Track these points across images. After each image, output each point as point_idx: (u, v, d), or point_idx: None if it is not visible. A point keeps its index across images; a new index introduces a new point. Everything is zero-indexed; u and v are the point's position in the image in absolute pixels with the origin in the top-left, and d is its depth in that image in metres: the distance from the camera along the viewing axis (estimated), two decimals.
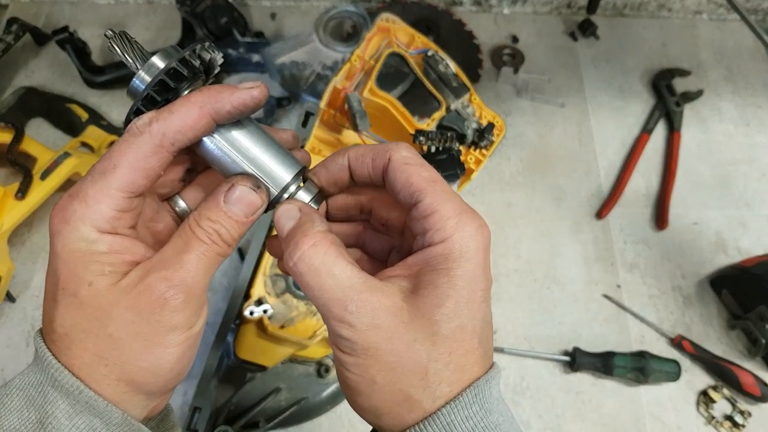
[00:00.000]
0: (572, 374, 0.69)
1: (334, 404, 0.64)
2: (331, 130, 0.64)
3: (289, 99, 0.86)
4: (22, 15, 0.93)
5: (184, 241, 0.28)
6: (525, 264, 0.76)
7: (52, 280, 0.27)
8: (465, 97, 0.67)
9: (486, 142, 0.66)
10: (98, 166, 0.27)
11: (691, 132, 0.88)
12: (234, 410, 0.59)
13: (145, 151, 0.27)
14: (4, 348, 0.69)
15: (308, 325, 0.58)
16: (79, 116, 0.83)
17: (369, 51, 0.66)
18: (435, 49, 0.67)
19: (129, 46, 0.28)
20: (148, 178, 0.27)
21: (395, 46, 0.66)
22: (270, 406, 0.60)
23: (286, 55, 0.81)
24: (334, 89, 0.61)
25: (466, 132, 0.65)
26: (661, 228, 0.79)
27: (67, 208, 0.27)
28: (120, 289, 0.27)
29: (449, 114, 0.66)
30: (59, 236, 0.27)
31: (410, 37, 0.68)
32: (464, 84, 0.67)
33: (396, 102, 0.63)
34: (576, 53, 0.96)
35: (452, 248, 0.27)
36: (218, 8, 0.86)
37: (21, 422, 0.26)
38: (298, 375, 0.62)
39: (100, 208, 0.27)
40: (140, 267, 0.27)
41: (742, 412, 0.67)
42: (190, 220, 0.28)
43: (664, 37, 0.98)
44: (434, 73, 0.66)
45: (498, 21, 0.99)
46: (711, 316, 0.74)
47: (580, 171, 0.84)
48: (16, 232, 0.72)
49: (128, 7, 0.99)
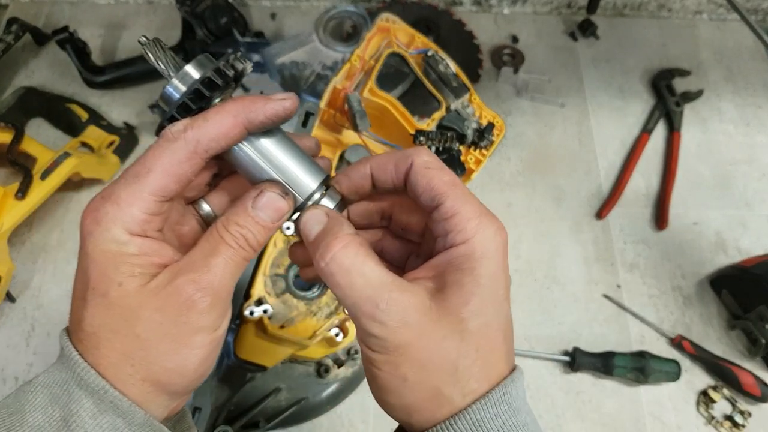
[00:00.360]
0: (572, 374, 0.69)
1: (334, 404, 0.64)
2: (331, 130, 0.64)
3: None
4: (22, 15, 0.93)
5: (212, 245, 0.28)
6: (525, 264, 0.76)
7: (82, 279, 0.28)
8: (465, 97, 0.67)
9: (486, 142, 0.66)
10: (132, 169, 0.28)
11: (691, 132, 0.88)
12: (234, 410, 0.59)
13: (179, 157, 0.27)
14: (4, 348, 0.69)
15: (308, 325, 0.58)
16: (79, 116, 0.83)
17: (369, 51, 0.66)
18: (435, 49, 0.67)
19: (162, 53, 0.29)
20: (180, 183, 0.28)
21: (395, 46, 0.66)
22: (270, 405, 0.60)
23: (286, 55, 0.81)
24: (334, 89, 0.61)
25: (466, 132, 0.65)
26: (661, 228, 0.79)
27: (99, 209, 0.27)
28: (149, 291, 0.27)
29: (449, 114, 0.66)
30: (90, 237, 0.27)
31: (410, 37, 0.68)
32: (464, 84, 0.67)
33: (396, 102, 0.63)
34: (576, 53, 0.96)
35: (474, 248, 0.27)
36: (218, 8, 0.86)
37: (45, 419, 0.27)
38: (298, 375, 0.62)
39: (132, 211, 0.27)
40: (168, 270, 0.28)
41: (742, 412, 0.67)
42: (218, 224, 0.29)
43: (664, 37, 0.98)
44: (434, 73, 0.66)
45: (498, 21, 0.99)
46: (711, 316, 0.74)
47: (580, 171, 0.84)
48: (16, 232, 0.72)
49: (128, 7, 0.99)
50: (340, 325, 0.58)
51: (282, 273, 0.58)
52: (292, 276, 0.59)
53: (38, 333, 0.70)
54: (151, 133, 0.85)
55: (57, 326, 0.71)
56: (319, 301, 0.59)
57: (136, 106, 0.88)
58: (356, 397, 0.67)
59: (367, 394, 0.67)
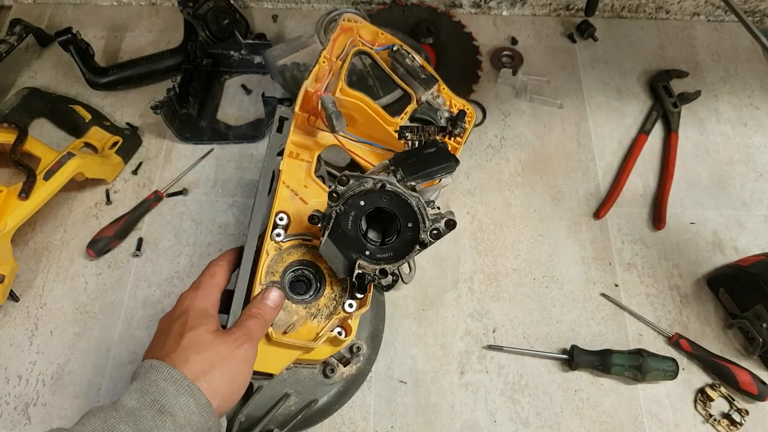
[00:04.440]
0: (570, 372, 0.70)
1: (342, 403, 0.64)
2: (306, 133, 0.64)
3: (291, 100, 0.87)
4: (26, 16, 0.94)
5: (246, 317, 0.51)
6: (524, 263, 0.77)
7: (181, 323, 0.48)
8: (434, 88, 0.67)
9: (459, 130, 0.65)
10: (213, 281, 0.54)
11: (688, 133, 0.89)
12: (245, 422, 0.58)
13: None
14: (7, 347, 0.70)
15: (310, 327, 0.58)
16: (83, 117, 0.83)
17: (335, 51, 0.65)
18: (399, 43, 0.68)
19: None
20: None
21: (360, 45, 0.67)
22: (281, 413, 0.60)
23: (288, 56, 0.81)
24: (306, 92, 0.61)
25: (439, 122, 0.65)
26: (659, 228, 0.80)
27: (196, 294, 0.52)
28: (220, 335, 0.48)
29: (421, 106, 0.66)
30: (193, 302, 0.50)
31: (374, 34, 0.68)
32: (432, 75, 0.67)
33: (369, 100, 0.62)
34: (574, 55, 0.97)
35: None
36: (220, 10, 0.87)
37: (137, 403, 0.41)
38: (305, 378, 0.62)
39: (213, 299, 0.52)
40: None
41: (740, 411, 0.67)
42: (250, 309, 0.52)
43: (662, 38, 0.99)
44: (401, 67, 0.66)
45: (497, 23, 1.00)
46: (708, 315, 0.75)
47: (578, 171, 0.85)
48: (19, 231, 0.72)
49: (131, 9, 1.00)
50: (341, 323, 0.59)
51: (277, 279, 0.58)
52: (287, 281, 0.59)
53: (41, 332, 0.71)
54: (153, 133, 0.86)
55: (60, 325, 0.71)
56: (317, 303, 0.59)
57: (138, 107, 0.88)
58: (357, 395, 0.67)
59: (367, 392, 0.68)
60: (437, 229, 0.54)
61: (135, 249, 0.76)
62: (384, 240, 0.57)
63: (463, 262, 0.77)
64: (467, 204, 0.82)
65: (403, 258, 0.55)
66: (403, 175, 0.54)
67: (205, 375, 0.44)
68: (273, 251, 0.59)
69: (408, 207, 0.54)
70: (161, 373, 0.43)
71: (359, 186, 0.53)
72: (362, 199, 0.54)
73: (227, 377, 0.45)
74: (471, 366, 0.70)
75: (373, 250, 0.56)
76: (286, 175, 0.62)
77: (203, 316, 0.48)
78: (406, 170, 0.54)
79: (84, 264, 0.75)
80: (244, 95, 0.90)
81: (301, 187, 0.62)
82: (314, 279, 0.60)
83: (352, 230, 0.55)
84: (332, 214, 0.54)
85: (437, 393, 0.68)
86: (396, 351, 0.71)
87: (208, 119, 0.87)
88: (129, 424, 0.40)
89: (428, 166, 0.55)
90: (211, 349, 0.46)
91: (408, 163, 0.55)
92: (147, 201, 0.79)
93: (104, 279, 0.74)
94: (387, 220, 0.57)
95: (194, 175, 0.83)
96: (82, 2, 1.00)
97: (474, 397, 0.68)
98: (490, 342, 0.71)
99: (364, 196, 0.54)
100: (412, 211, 0.54)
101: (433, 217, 0.54)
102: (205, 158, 0.84)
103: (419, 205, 0.53)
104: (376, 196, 0.54)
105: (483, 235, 0.79)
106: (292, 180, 0.62)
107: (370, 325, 0.67)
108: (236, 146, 0.85)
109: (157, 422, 0.40)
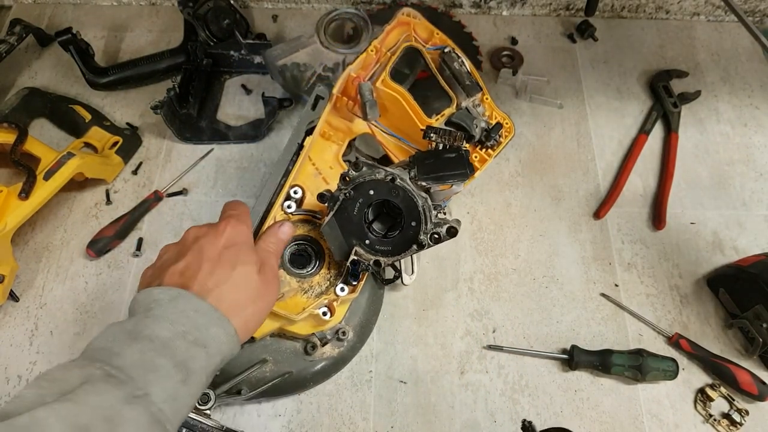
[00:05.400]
0: (570, 372, 0.70)
1: (317, 382, 0.66)
2: (342, 117, 0.65)
3: (291, 100, 0.87)
4: (25, 16, 0.94)
5: (271, 258, 0.52)
6: (524, 263, 0.77)
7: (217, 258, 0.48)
8: (477, 97, 0.67)
9: (492, 142, 0.66)
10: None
11: (688, 133, 0.89)
12: (219, 376, 0.61)
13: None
14: (7, 347, 0.70)
15: (298, 301, 0.60)
16: (83, 117, 0.83)
17: (387, 43, 0.66)
18: (452, 46, 0.67)
19: None
20: None
21: (413, 41, 0.67)
22: (255, 376, 0.62)
23: (288, 56, 0.81)
24: (349, 77, 0.62)
25: (474, 131, 0.65)
26: (659, 228, 0.80)
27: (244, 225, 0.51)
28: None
29: (459, 111, 0.66)
30: (230, 238, 0.49)
31: (430, 33, 0.68)
32: (477, 83, 0.67)
33: (408, 95, 0.63)
34: (574, 55, 0.97)
35: None
36: (220, 10, 0.86)
37: (169, 333, 0.40)
38: (286, 350, 0.64)
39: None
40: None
41: (740, 411, 0.67)
42: (268, 245, 0.53)
43: (662, 38, 0.99)
44: (448, 70, 0.66)
45: (497, 23, 1.00)
46: (708, 315, 0.75)
47: (578, 171, 0.85)
48: (19, 231, 0.72)
49: (131, 9, 1.00)
50: (328, 305, 0.60)
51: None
52: (288, 253, 0.63)
53: (41, 332, 0.71)
54: (153, 133, 0.86)
55: (60, 325, 0.71)
56: (311, 280, 0.62)
57: (138, 107, 0.88)
58: (357, 395, 0.67)
59: (367, 392, 0.68)
60: (438, 234, 0.55)
61: (135, 249, 0.76)
62: (386, 234, 0.58)
63: (463, 262, 0.77)
64: (467, 204, 0.82)
65: (399, 254, 0.56)
66: (417, 174, 0.55)
67: (242, 311, 0.45)
68: (280, 218, 0.62)
69: (414, 206, 0.54)
70: (191, 304, 0.42)
71: (371, 175, 0.55)
72: (372, 188, 0.55)
73: (257, 316, 0.47)
74: (471, 366, 0.70)
75: (373, 240, 0.57)
76: (314, 153, 0.64)
77: (254, 252, 0.49)
78: (420, 169, 0.55)
79: (84, 264, 0.75)
80: (244, 95, 0.90)
81: (327, 167, 0.65)
82: (314, 256, 0.63)
83: (357, 217, 0.57)
84: (340, 197, 0.56)
85: (437, 393, 0.68)
86: (396, 351, 0.71)
87: (208, 119, 0.87)
88: (167, 358, 0.39)
89: (443, 170, 0.55)
90: (253, 288, 0.47)
91: (425, 163, 0.56)
92: (147, 201, 0.79)
93: (104, 279, 0.74)
94: (395, 216, 0.57)
95: (194, 175, 0.83)
96: (82, 2, 1.00)
97: (474, 397, 0.68)
98: (490, 342, 0.71)
99: (374, 186, 0.55)
100: (416, 210, 0.54)
101: (436, 221, 0.55)
102: (205, 158, 0.84)
103: (425, 206, 0.54)
104: (386, 189, 0.55)
105: (483, 235, 0.79)
106: (320, 159, 0.64)
107: (363, 314, 0.68)
108: (236, 146, 0.85)
109: (192, 353, 0.40)
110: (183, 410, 0.40)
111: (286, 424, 0.66)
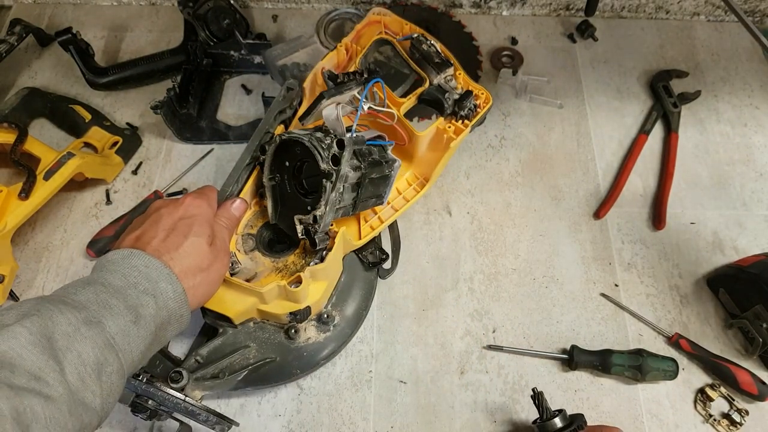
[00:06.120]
0: (570, 372, 0.70)
1: (303, 369, 0.65)
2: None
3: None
4: (25, 16, 0.94)
5: (223, 231, 0.56)
6: (524, 263, 0.77)
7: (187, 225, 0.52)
8: (448, 72, 0.67)
9: (467, 111, 0.66)
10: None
11: (688, 133, 0.89)
12: (202, 360, 0.61)
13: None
14: None
15: (271, 280, 0.61)
16: (83, 117, 0.83)
17: (363, 43, 0.69)
18: (421, 32, 0.69)
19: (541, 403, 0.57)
20: None
21: (383, 34, 0.68)
22: (237, 361, 0.62)
23: (288, 56, 0.82)
24: (321, 70, 0.66)
25: (447, 102, 0.66)
26: (659, 228, 0.80)
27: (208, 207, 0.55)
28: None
29: (430, 87, 0.67)
30: (195, 218, 0.53)
31: (400, 25, 0.70)
32: (447, 60, 0.68)
33: (378, 83, 0.65)
34: (574, 55, 0.97)
35: None
36: (220, 10, 0.86)
37: (122, 282, 0.45)
38: (269, 336, 0.64)
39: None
40: None
41: (740, 411, 0.67)
42: (221, 220, 0.57)
43: (662, 38, 0.99)
44: (418, 53, 0.68)
45: (497, 23, 1.00)
46: (708, 315, 0.75)
47: (578, 171, 0.85)
48: (19, 231, 0.72)
49: (131, 9, 1.00)
50: (296, 279, 0.60)
51: (253, 233, 0.65)
52: (266, 236, 0.65)
53: None
54: (153, 133, 0.86)
55: None
56: (285, 260, 0.64)
57: (138, 106, 0.88)
58: (357, 395, 0.67)
59: (367, 392, 0.68)
60: (334, 155, 0.55)
61: None
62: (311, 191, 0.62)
63: (463, 262, 0.77)
64: (467, 204, 0.82)
65: (320, 196, 0.57)
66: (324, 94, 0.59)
67: (192, 277, 0.49)
68: (255, 207, 0.66)
69: (303, 146, 0.56)
70: (142, 260, 0.46)
71: (272, 146, 0.60)
72: (285, 158, 0.60)
73: (205, 286, 0.51)
74: (471, 366, 0.70)
75: (310, 202, 0.60)
76: None
77: (208, 225, 0.53)
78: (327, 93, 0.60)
79: (84, 264, 0.75)
80: (244, 95, 0.90)
81: None
82: (287, 237, 0.64)
83: (293, 193, 0.61)
84: (272, 185, 0.61)
85: (437, 393, 0.68)
86: (396, 351, 0.71)
87: (208, 119, 0.87)
88: (119, 300, 0.43)
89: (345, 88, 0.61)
90: (204, 258, 0.50)
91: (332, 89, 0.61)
92: (147, 201, 0.79)
93: None
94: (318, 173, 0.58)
95: (194, 175, 0.83)
96: (82, 2, 1.00)
97: (474, 397, 0.68)
98: (490, 342, 0.71)
99: (282, 155, 0.59)
100: (306, 148, 0.56)
101: (326, 146, 0.56)
102: (205, 158, 0.84)
103: (311, 140, 0.56)
104: (289, 151, 0.59)
105: (483, 235, 0.79)
106: None
107: (352, 300, 0.69)
108: (236, 146, 0.85)
109: (142, 301, 0.44)
110: (134, 350, 0.43)
111: (286, 424, 0.66)
